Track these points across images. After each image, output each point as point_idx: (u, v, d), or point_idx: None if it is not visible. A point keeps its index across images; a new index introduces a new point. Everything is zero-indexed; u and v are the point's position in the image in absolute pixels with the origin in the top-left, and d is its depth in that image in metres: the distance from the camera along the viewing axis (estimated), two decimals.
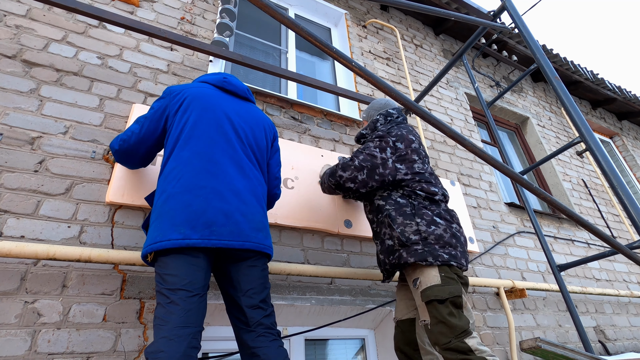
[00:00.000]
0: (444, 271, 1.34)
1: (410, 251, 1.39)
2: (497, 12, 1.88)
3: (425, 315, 1.32)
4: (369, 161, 1.53)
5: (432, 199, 1.51)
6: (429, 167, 1.62)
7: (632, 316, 3.09)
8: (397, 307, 1.64)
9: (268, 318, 1.17)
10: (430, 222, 1.42)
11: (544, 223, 3.23)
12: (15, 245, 1.21)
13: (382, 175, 1.52)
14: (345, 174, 1.57)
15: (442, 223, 1.43)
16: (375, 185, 1.55)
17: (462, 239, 1.47)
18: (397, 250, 1.44)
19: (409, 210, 1.46)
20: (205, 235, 1.09)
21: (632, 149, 5.34)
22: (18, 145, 1.50)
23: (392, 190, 1.56)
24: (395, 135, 1.59)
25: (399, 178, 1.52)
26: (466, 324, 1.25)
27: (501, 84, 4.27)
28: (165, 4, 2.40)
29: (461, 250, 1.43)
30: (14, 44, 1.73)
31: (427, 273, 1.35)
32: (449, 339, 1.22)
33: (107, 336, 1.31)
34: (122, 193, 1.56)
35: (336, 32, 3.47)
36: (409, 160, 1.56)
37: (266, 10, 0.84)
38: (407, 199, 1.51)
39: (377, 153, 1.54)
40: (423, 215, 1.44)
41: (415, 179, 1.53)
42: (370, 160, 1.53)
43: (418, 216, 1.44)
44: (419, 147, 1.64)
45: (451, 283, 1.32)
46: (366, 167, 1.53)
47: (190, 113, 1.29)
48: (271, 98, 2.37)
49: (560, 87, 1.50)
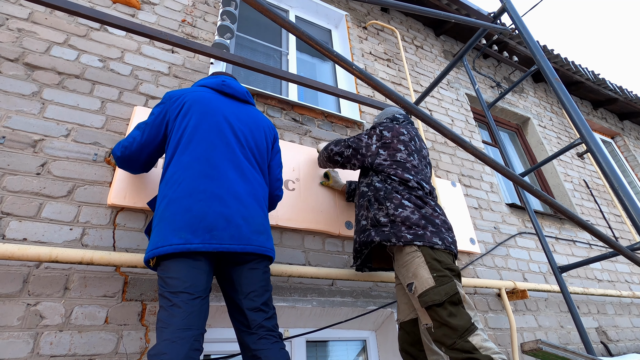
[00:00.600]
0: (431, 263, 1.33)
1: (378, 231, 1.49)
2: (497, 13, 1.88)
3: (427, 319, 1.32)
4: (355, 142, 1.74)
5: (406, 184, 1.57)
6: (417, 162, 1.67)
7: (635, 317, 3.08)
8: (399, 309, 1.64)
9: (269, 320, 1.17)
10: (397, 206, 1.49)
11: (546, 224, 3.22)
12: (18, 247, 1.21)
13: (364, 156, 1.71)
14: (336, 148, 1.82)
15: (409, 206, 1.49)
16: (357, 165, 1.76)
17: (439, 222, 1.47)
18: (367, 230, 1.55)
19: (382, 195, 1.56)
20: (206, 240, 1.10)
21: (634, 149, 5.33)
22: (20, 148, 1.51)
23: (373, 175, 1.67)
24: (385, 126, 1.74)
25: (377, 162, 1.65)
26: (467, 321, 1.24)
27: (502, 85, 4.27)
28: (166, 6, 2.41)
29: (433, 231, 1.42)
30: (16, 47, 1.74)
31: (418, 275, 1.34)
32: (453, 340, 1.22)
33: (109, 338, 1.32)
34: (123, 195, 1.56)
35: (337, 33, 3.48)
36: (392, 148, 1.66)
37: (267, 14, 0.84)
38: (383, 184, 1.60)
39: (364, 138, 1.74)
40: (392, 199, 1.53)
41: (393, 165, 1.62)
42: (357, 142, 1.74)
43: (388, 200, 1.53)
44: (410, 142, 1.70)
45: (445, 281, 1.30)
46: (352, 146, 1.75)
47: (190, 118, 1.29)
48: (272, 100, 2.37)
49: (561, 89, 1.50)
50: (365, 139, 1.73)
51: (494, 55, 4.26)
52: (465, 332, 1.21)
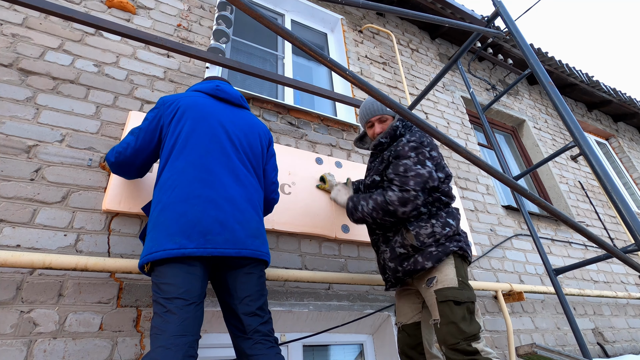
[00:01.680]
0: (459, 269, 1.39)
1: (426, 255, 1.42)
2: (491, 17, 1.90)
3: (436, 314, 1.34)
4: (421, 183, 1.44)
5: (450, 198, 1.56)
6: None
7: (631, 318, 3.10)
8: (401, 312, 1.64)
9: (265, 325, 1.17)
10: (444, 224, 1.46)
11: (542, 225, 3.24)
12: (11, 254, 1.21)
13: (430, 187, 1.49)
14: (408, 208, 1.43)
15: (452, 223, 1.49)
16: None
17: (464, 233, 1.55)
18: (411, 256, 1.46)
19: (425, 217, 1.49)
20: (201, 244, 1.09)
21: (628, 151, 5.38)
22: (14, 154, 1.50)
23: None
24: (428, 144, 1.56)
25: (436, 185, 1.51)
26: (477, 329, 1.28)
27: (497, 87, 4.30)
28: (162, 11, 2.41)
29: (466, 241, 1.50)
30: (10, 52, 1.73)
31: (444, 272, 1.39)
32: (457, 341, 1.25)
33: (104, 345, 1.31)
34: (118, 201, 1.56)
35: (332, 37, 3.50)
36: (442, 165, 1.58)
37: (261, 21, 0.84)
38: (427, 207, 1.51)
39: (422, 170, 1.46)
40: (438, 217, 1.48)
41: (445, 182, 1.57)
42: (422, 181, 1.45)
43: (434, 217, 1.48)
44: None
45: (466, 288, 1.36)
46: (420, 189, 1.44)
47: (184, 123, 1.29)
48: (268, 104, 2.38)
49: (554, 92, 1.51)
50: (424, 169, 1.46)
51: (489, 58, 4.30)
52: (471, 337, 1.25)
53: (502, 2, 1.82)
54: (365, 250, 2.15)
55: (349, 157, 2.51)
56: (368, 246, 2.18)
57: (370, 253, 2.16)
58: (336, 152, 2.47)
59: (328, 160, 2.32)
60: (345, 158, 2.48)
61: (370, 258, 2.14)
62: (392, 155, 1.56)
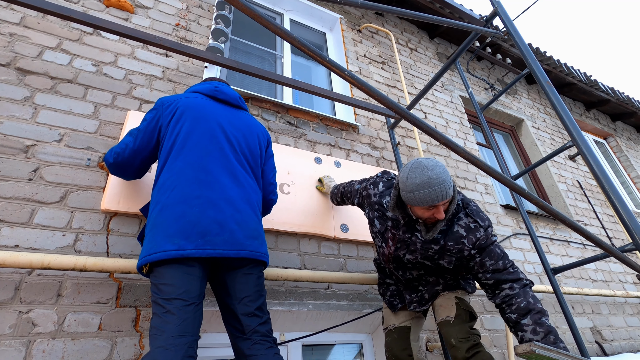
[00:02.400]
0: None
1: (468, 282, 1.61)
2: (489, 17, 1.90)
3: (452, 313, 1.44)
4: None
5: None
6: None
7: (629, 316, 3.11)
8: (393, 316, 1.65)
9: (264, 325, 1.17)
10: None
11: (540, 224, 3.25)
12: (10, 254, 1.20)
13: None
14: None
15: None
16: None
17: None
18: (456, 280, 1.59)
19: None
20: (200, 245, 1.09)
21: (626, 150, 5.39)
22: (12, 154, 1.50)
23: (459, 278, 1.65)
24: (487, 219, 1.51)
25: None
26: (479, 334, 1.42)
27: (496, 87, 4.31)
28: (160, 10, 2.40)
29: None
30: (7, 51, 1.73)
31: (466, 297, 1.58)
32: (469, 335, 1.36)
33: (103, 345, 1.31)
34: (117, 200, 1.56)
35: (331, 36, 3.49)
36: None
37: (260, 21, 0.84)
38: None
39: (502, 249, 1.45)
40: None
41: None
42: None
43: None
44: None
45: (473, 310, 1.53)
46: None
47: (183, 124, 1.29)
48: (267, 103, 2.38)
49: (552, 92, 1.52)
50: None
51: (488, 58, 4.30)
52: (478, 336, 1.38)
53: (500, 1, 1.82)
54: (364, 249, 2.16)
55: (348, 156, 2.51)
56: (367, 245, 2.18)
57: (370, 252, 2.17)
58: (335, 152, 2.47)
59: (327, 159, 2.32)
60: (344, 157, 2.48)
61: (369, 257, 2.14)
62: (472, 249, 1.38)
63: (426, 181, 1.26)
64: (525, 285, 1.31)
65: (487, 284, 1.36)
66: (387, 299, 1.69)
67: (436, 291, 1.56)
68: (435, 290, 1.56)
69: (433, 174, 1.27)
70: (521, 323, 1.23)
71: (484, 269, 1.36)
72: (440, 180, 1.26)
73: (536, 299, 1.28)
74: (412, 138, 2.97)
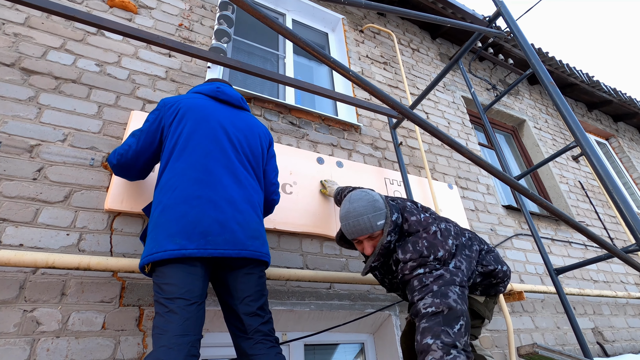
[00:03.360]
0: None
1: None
2: (493, 17, 1.90)
3: None
4: (459, 294, 1.21)
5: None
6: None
7: (630, 317, 3.10)
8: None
9: (266, 325, 1.17)
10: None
11: (542, 225, 3.24)
12: (14, 254, 1.21)
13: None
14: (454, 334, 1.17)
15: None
16: None
17: None
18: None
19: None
20: (201, 245, 1.10)
21: (628, 151, 5.38)
22: (17, 153, 1.50)
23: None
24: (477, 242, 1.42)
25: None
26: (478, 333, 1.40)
27: (498, 87, 4.30)
28: (164, 10, 2.41)
29: None
30: (12, 52, 1.73)
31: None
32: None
33: (107, 344, 1.31)
34: (121, 200, 1.56)
35: (334, 36, 3.50)
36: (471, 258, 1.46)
37: (264, 21, 0.85)
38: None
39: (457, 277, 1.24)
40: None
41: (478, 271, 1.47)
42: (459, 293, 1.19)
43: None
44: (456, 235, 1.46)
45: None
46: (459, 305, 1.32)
47: (185, 124, 1.30)
48: (269, 103, 2.38)
49: (556, 92, 1.52)
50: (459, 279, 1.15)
51: (490, 58, 4.29)
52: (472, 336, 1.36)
53: (503, 2, 1.82)
54: None
55: (350, 156, 2.51)
56: None
57: None
58: (337, 152, 2.47)
59: (329, 160, 2.32)
60: (347, 158, 2.48)
61: None
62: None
63: (344, 214, 1.22)
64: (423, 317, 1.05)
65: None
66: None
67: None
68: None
69: (351, 207, 1.20)
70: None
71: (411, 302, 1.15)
72: (356, 214, 1.18)
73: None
74: (414, 138, 2.97)
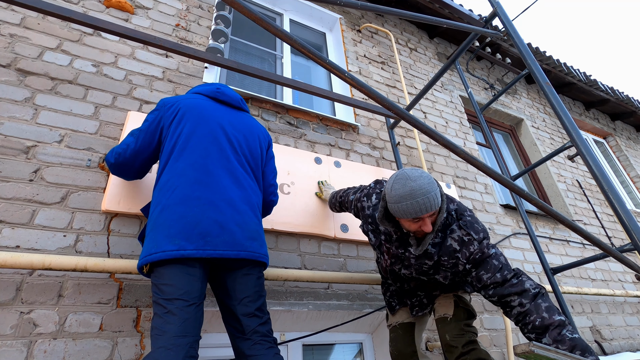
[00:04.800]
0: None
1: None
2: (489, 18, 1.90)
3: (450, 311, 1.45)
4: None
5: None
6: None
7: (628, 315, 3.12)
8: (397, 313, 1.66)
9: (264, 326, 1.17)
10: None
11: (539, 224, 3.25)
12: (11, 255, 1.21)
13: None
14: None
15: None
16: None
17: None
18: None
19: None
20: (200, 246, 1.10)
21: (626, 149, 5.40)
22: (13, 155, 1.50)
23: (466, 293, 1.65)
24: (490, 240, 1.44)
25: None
26: (476, 332, 1.45)
27: (495, 87, 4.31)
28: (160, 10, 2.40)
29: None
30: (8, 52, 1.73)
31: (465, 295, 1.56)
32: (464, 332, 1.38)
33: (104, 345, 1.31)
34: (117, 201, 1.56)
35: (331, 36, 3.49)
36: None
37: (260, 23, 0.85)
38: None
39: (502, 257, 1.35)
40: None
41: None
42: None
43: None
44: None
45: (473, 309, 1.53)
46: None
47: (184, 124, 1.30)
48: (267, 104, 2.38)
49: (551, 92, 1.52)
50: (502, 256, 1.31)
51: (487, 57, 4.30)
52: (474, 333, 1.41)
53: (499, 2, 1.83)
54: (364, 249, 2.16)
55: (348, 156, 2.51)
56: (367, 245, 2.19)
57: (370, 252, 2.17)
58: (335, 152, 2.47)
59: (327, 159, 2.32)
60: (344, 157, 2.49)
61: (369, 257, 2.15)
62: (467, 264, 1.30)
63: (409, 192, 1.21)
64: (535, 297, 1.19)
65: (493, 300, 1.26)
66: (387, 299, 1.70)
67: (434, 296, 1.56)
68: (433, 295, 1.56)
69: (416, 185, 1.21)
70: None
71: (482, 284, 1.26)
72: (423, 192, 1.20)
73: (551, 310, 1.16)
74: (412, 138, 2.97)
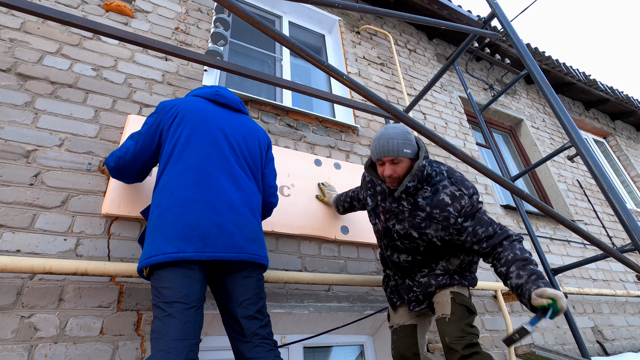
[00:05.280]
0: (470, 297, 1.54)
1: (462, 275, 1.53)
2: (487, 18, 1.91)
3: (448, 310, 1.42)
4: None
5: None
6: None
7: (629, 315, 3.11)
8: (397, 314, 1.65)
9: (264, 328, 1.17)
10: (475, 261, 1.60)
11: (540, 224, 3.25)
12: (11, 259, 1.21)
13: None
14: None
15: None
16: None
17: None
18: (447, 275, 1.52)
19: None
20: (200, 248, 1.10)
21: (626, 149, 5.40)
22: (13, 159, 1.50)
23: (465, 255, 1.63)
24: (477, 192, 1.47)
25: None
26: (478, 332, 1.40)
27: (495, 87, 4.31)
28: (160, 14, 2.41)
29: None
30: (8, 57, 1.74)
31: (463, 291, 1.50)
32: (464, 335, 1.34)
33: (105, 349, 1.31)
34: (118, 204, 1.56)
35: (330, 38, 3.50)
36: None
37: (258, 27, 0.85)
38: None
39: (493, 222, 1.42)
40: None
41: None
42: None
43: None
44: None
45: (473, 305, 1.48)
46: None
47: (184, 127, 1.30)
48: (266, 106, 2.38)
49: (550, 93, 1.52)
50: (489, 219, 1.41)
51: (486, 58, 4.31)
52: (475, 335, 1.37)
53: (498, 3, 1.83)
54: (364, 251, 2.16)
55: (348, 158, 2.51)
56: (368, 247, 2.18)
57: (370, 254, 2.17)
58: (335, 154, 2.47)
59: (327, 161, 2.32)
60: (344, 159, 2.49)
61: (370, 259, 2.15)
62: (458, 217, 1.38)
63: (379, 135, 1.34)
64: (513, 241, 1.34)
65: (485, 252, 1.37)
66: (388, 296, 1.70)
67: (429, 292, 1.54)
68: (428, 291, 1.54)
69: (387, 132, 1.32)
70: (508, 273, 1.28)
71: (478, 238, 1.36)
72: (388, 137, 1.30)
73: (523, 250, 1.30)
74: None
